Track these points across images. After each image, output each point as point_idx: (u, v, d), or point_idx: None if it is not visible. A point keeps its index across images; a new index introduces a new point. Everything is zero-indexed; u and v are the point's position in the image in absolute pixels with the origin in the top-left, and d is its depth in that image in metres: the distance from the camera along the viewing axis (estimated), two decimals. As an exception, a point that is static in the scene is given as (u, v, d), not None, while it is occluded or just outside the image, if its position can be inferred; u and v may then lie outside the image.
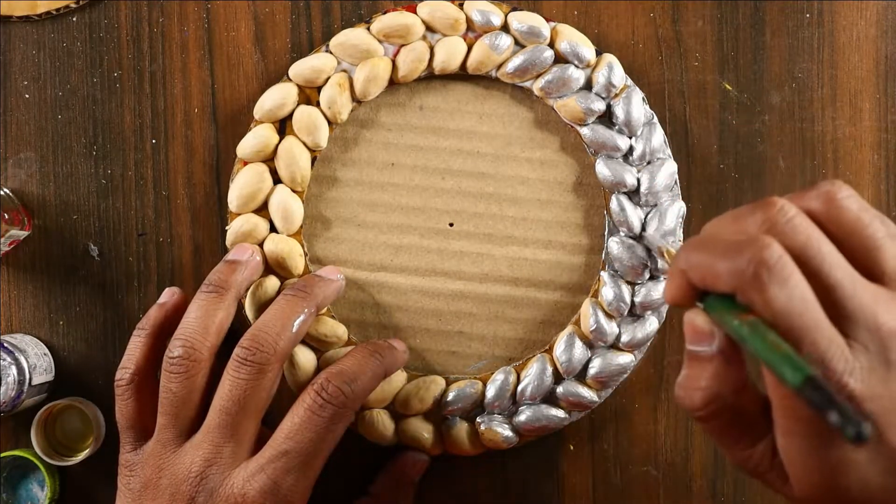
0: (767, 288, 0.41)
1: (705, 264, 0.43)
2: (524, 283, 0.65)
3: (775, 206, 0.43)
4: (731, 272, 0.42)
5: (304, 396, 0.56)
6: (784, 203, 0.44)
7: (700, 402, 0.45)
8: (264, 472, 0.55)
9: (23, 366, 0.60)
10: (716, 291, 0.44)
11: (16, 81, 0.65)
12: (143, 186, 0.65)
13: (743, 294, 0.42)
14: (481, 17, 0.63)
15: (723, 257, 0.43)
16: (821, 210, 0.44)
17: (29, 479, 0.65)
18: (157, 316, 0.60)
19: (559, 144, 0.64)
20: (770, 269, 0.41)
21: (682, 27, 0.65)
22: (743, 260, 0.42)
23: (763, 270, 0.41)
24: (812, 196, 0.45)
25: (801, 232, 0.43)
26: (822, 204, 0.44)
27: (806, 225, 0.43)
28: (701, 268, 0.44)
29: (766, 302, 0.41)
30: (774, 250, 0.42)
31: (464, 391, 0.63)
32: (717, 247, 0.43)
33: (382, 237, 0.64)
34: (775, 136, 0.65)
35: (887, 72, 0.65)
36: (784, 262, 0.41)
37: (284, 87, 0.63)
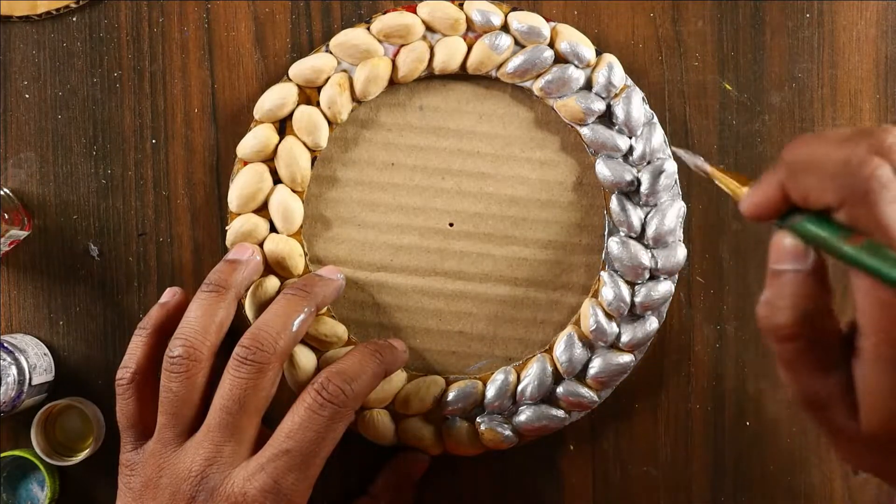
0: (878, 204, 0.40)
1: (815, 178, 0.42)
2: (524, 283, 0.65)
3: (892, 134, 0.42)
4: (842, 186, 0.41)
5: (305, 396, 0.56)
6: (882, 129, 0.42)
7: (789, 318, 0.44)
8: (264, 472, 0.55)
9: (23, 366, 0.60)
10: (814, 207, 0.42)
11: (16, 81, 0.65)
12: (143, 186, 0.65)
13: (851, 209, 0.41)
14: (481, 17, 0.63)
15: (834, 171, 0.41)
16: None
17: (29, 479, 0.64)
18: (159, 315, 0.60)
19: (559, 144, 0.64)
20: (884, 186, 0.40)
21: (682, 27, 0.65)
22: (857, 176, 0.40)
23: (877, 186, 0.40)
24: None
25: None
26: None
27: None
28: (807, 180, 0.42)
29: (877, 218, 0.40)
30: (888, 170, 0.41)
31: (464, 391, 0.63)
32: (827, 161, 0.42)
33: (382, 237, 0.64)
34: (775, 136, 0.65)
35: (887, 72, 0.65)
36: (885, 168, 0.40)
37: (284, 87, 0.63)
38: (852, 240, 0.41)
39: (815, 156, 0.43)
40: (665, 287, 0.63)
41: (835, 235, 0.42)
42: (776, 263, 0.45)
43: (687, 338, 0.65)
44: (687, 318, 0.65)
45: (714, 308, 0.65)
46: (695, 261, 0.65)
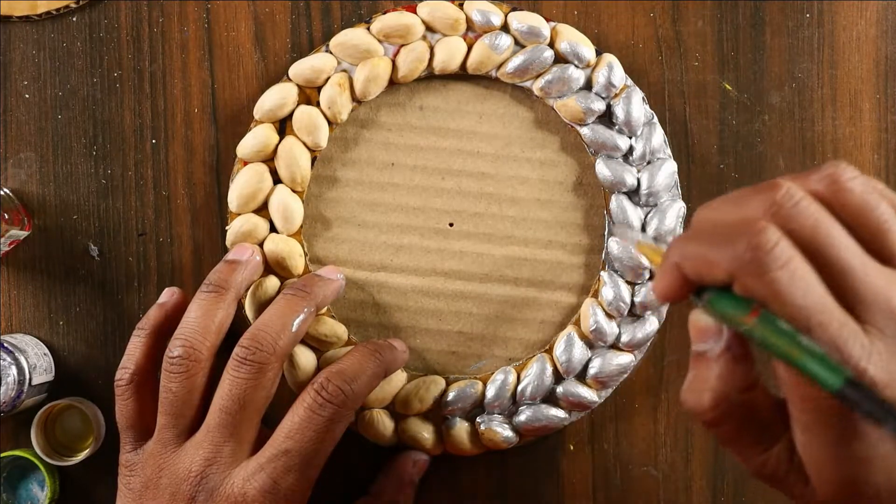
0: (767, 272, 0.39)
1: (700, 253, 0.41)
2: (524, 283, 0.65)
3: (781, 189, 0.41)
4: (728, 259, 0.40)
5: (304, 396, 0.56)
6: (790, 185, 0.41)
7: (709, 403, 0.43)
8: (264, 472, 0.55)
9: (23, 366, 0.60)
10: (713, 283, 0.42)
11: (16, 81, 0.65)
12: (143, 186, 0.65)
13: (742, 281, 0.40)
14: (481, 17, 0.63)
15: (718, 244, 0.41)
16: (825, 193, 0.42)
17: (29, 479, 0.64)
18: (157, 316, 0.60)
19: (559, 144, 0.64)
20: (768, 253, 0.39)
21: (682, 27, 0.65)
22: (740, 245, 0.40)
23: (761, 254, 0.39)
24: (816, 178, 0.43)
25: (810, 216, 0.41)
26: (826, 186, 0.42)
27: (814, 208, 0.41)
28: (696, 258, 0.42)
29: (767, 286, 0.40)
30: (772, 233, 0.40)
31: (464, 391, 0.63)
32: (713, 234, 0.41)
33: (382, 237, 0.64)
34: (775, 136, 0.65)
35: (887, 72, 0.65)
36: (783, 245, 0.40)
37: (284, 87, 0.63)
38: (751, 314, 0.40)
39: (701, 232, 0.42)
40: (665, 287, 0.63)
41: (737, 310, 0.41)
42: (694, 344, 0.44)
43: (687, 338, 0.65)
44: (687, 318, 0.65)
45: (714, 308, 0.65)
46: (695, 261, 0.65)
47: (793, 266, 0.40)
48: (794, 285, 0.39)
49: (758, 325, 0.40)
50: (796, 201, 0.41)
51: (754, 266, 0.40)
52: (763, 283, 0.40)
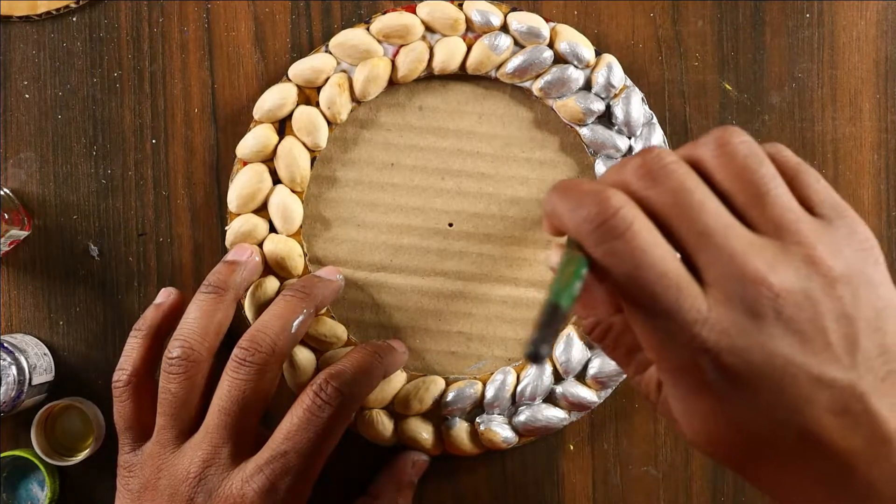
0: (603, 241, 0.40)
1: (557, 214, 0.42)
2: (524, 283, 0.65)
3: (652, 152, 0.42)
4: (575, 224, 0.41)
5: (303, 397, 0.56)
6: (662, 150, 0.42)
7: (587, 328, 0.48)
8: (263, 473, 0.55)
9: (23, 366, 0.60)
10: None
11: (16, 81, 0.65)
12: (143, 186, 0.65)
13: (586, 247, 0.41)
14: (481, 18, 0.63)
15: (570, 210, 0.41)
16: (711, 157, 0.42)
17: (29, 479, 0.65)
18: (154, 316, 0.60)
19: (559, 144, 0.64)
20: (605, 223, 0.40)
21: (682, 27, 0.65)
22: (582, 213, 0.40)
23: (598, 225, 0.40)
24: (703, 141, 0.43)
25: (675, 177, 0.41)
26: (712, 150, 0.42)
27: (681, 171, 0.41)
28: (554, 217, 0.42)
29: (604, 254, 0.40)
30: (614, 202, 0.40)
31: (463, 391, 0.63)
32: (570, 197, 0.42)
33: (382, 237, 0.64)
34: (775, 136, 0.65)
35: (887, 72, 0.65)
36: (624, 213, 0.40)
37: (284, 87, 0.63)
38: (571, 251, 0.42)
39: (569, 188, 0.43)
40: (665, 287, 0.63)
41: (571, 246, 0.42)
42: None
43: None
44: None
45: (714, 308, 0.65)
46: (695, 261, 0.65)
47: (630, 233, 0.40)
48: (632, 254, 0.40)
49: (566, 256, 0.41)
50: (664, 163, 0.41)
51: (595, 234, 0.40)
52: (600, 251, 0.40)
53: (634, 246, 0.40)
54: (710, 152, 0.42)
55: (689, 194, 0.41)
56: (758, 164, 0.42)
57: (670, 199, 0.41)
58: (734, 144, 0.42)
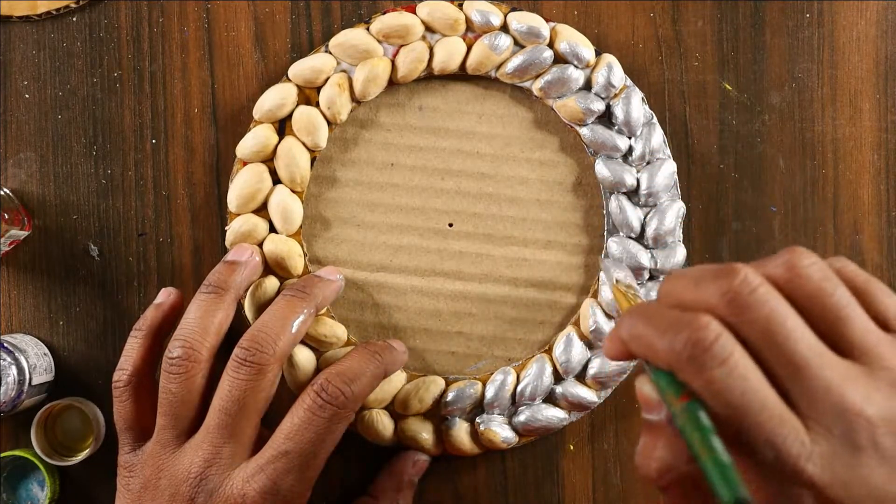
0: (703, 370, 0.40)
1: (644, 340, 0.42)
2: (524, 283, 0.65)
3: (738, 276, 0.41)
4: (668, 351, 0.40)
5: (304, 397, 0.56)
6: (748, 272, 0.41)
7: (655, 472, 0.43)
8: (264, 473, 0.55)
9: (23, 366, 0.60)
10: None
11: (16, 81, 0.65)
12: (143, 186, 0.65)
13: (680, 376, 0.41)
14: (481, 18, 0.63)
15: (661, 335, 0.41)
16: (783, 280, 0.42)
17: (29, 479, 0.65)
18: (154, 316, 0.60)
19: (559, 144, 0.64)
20: (706, 350, 0.40)
21: (682, 27, 0.65)
22: (678, 341, 0.40)
23: (699, 352, 0.40)
24: (773, 265, 0.42)
25: (765, 304, 0.41)
26: (783, 273, 0.42)
27: (770, 296, 0.41)
28: (640, 342, 0.42)
29: (704, 385, 0.40)
30: (712, 330, 0.40)
31: (463, 391, 0.63)
32: (659, 322, 0.41)
33: (382, 237, 0.64)
34: (775, 136, 0.65)
35: (887, 72, 0.65)
36: (723, 342, 0.40)
37: (284, 87, 0.63)
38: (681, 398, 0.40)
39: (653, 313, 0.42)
40: (665, 287, 0.63)
41: (670, 389, 0.41)
42: (643, 412, 0.44)
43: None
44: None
45: (714, 308, 0.65)
46: (695, 261, 0.65)
47: (731, 363, 0.40)
48: (732, 384, 0.39)
49: (681, 412, 0.40)
50: (753, 288, 0.41)
51: (692, 362, 0.40)
52: (700, 381, 0.40)
53: (738, 375, 0.40)
54: (783, 275, 0.42)
55: (781, 324, 0.40)
56: (833, 288, 0.42)
57: (763, 328, 0.40)
58: (805, 267, 0.42)
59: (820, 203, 0.65)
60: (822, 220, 0.65)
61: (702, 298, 0.42)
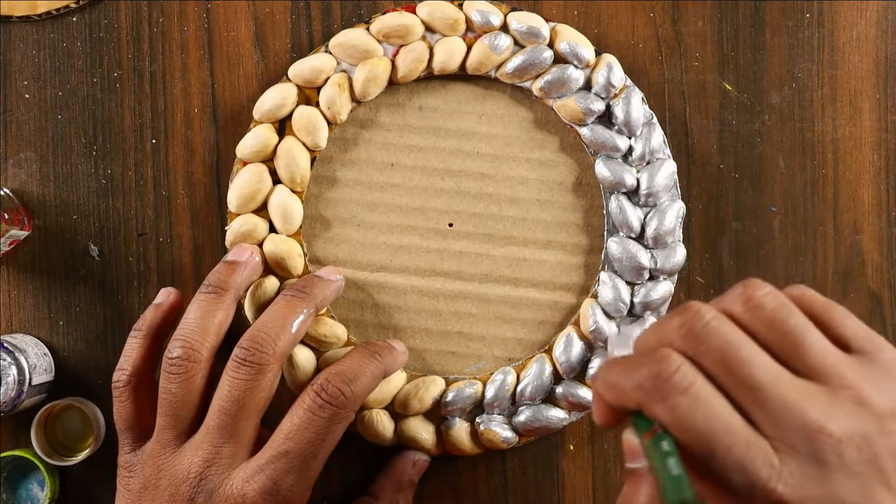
0: (666, 398, 0.41)
1: (614, 385, 0.43)
2: (524, 283, 0.65)
3: (691, 311, 0.43)
4: (634, 388, 0.42)
5: (304, 397, 0.56)
6: (701, 307, 0.43)
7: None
8: (264, 473, 0.55)
9: (23, 366, 0.60)
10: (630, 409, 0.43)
11: (16, 81, 0.65)
12: (143, 186, 0.65)
13: (647, 410, 0.42)
14: (481, 18, 0.63)
15: (627, 376, 0.42)
16: (739, 311, 0.43)
17: (29, 479, 0.65)
18: (154, 316, 0.60)
19: (559, 145, 0.64)
20: (667, 380, 0.41)
21: (682, 27, 0.65)
22: (642, 374, 0.41)
23: (660, 382, 0.41)
24: (729, 298, 0.44)
25: (719, 335, 0.42)
26: (740, 305, 0.43)
27: (724, 328, 0.42)
28: (611, 388, 0.43)
29: (668, 412, 0.41)
30: (672, 361, 0.41)
31: (463, 391, 0.63)
32: (625, 365, 0.43)
33: (382, 237, 0.64)
34: (775, 136, 0.65)
35: (887, 72, 0.65)
36: (683, 370, 0.41)
37: (284, 87, 0.63)
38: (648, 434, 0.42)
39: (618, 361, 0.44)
40: (665, 287, 0.63)
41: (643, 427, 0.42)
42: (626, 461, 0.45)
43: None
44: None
45: (714, 308, 0.65)
46: (695, 261, 0.65)
47: (693, 391, 0.41)
48: (696, 411, 0.41)
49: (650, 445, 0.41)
50: (706, 322, 0.42)
51: (655, 393, 0.41)
52: (665, 410, 0.41)
53: (701, 401, 0.41)
54: (739, 308, 0.43)
55: (736, 351, 0.42)
56: (787, 315, 0.43)
57: (718, 356, 0.42)
58: (759, 298, 0.43)
59: (820, 203, 0.65)
60: (822, 220, 0.65)
61: (662, 338, 0.43)
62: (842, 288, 0.65)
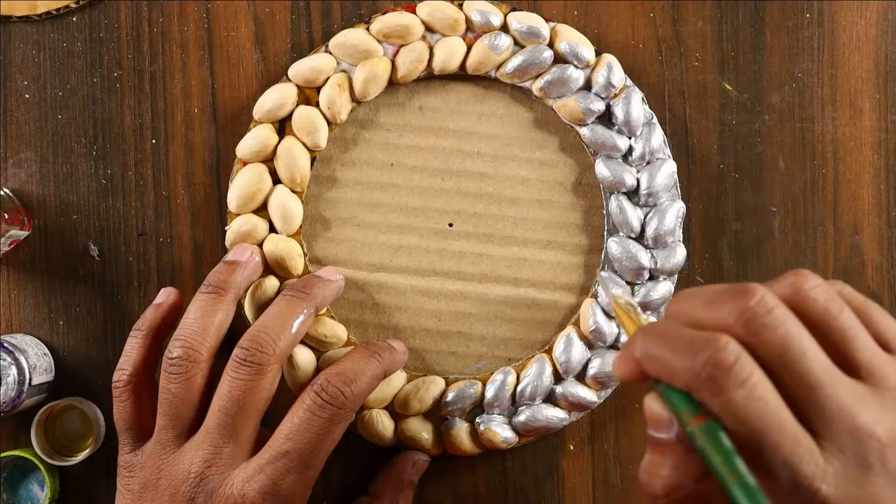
0: (723, 391, 0.40)
1: (661, 360, 0.42)
2: (524, 283, 0.65)
3: (755, 296, 0.42)
4: (687, 372, 0.41)
5: (304, 397, 0.56)
6: (764, 293, 0.42)
7: (661, 490, 0.44)
8: (264, 473, 0.55)
9: (23, 366, 0.60)
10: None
11: (16, 81, 0.65)
12: (143, 186, 0.65)
13: (699, 395, 0.41)
14: (481, 18, 0.63)
15: (678, 355, 0.41)
16: (790, 301, 0.43)
17: (29, 479, 0.65)
18: (154, 316, 0.60)
19: (559, 145, 0.64)
20: (725, 371, 0.40)
21: (682, 27, 0.65)
22: (698, 361, 0.40)
23: (718, 372, 0.40)
24: (780, 286, 0.43)
25: (781, 325, 0.41)
26: (790, 295, 0.43)
27: (786, 318, 0.41)
28: (656, 362, 0.42)
29: (723, 405, 0.40)
30: (731, 350, 0.40)
31: (463, 391, 0.63)
32: (675, 343, 0.42)
33: (382, 237, 0.64)
34: (775, 136, 0.65)
35: (887, 72, 0.65)
36: (742, 362, 0.40)
37: (284, 87, 0.63)
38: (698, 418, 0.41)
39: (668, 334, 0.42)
40: (665, 287, 0.63)
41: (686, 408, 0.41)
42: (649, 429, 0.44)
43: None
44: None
45: (714, 308, 0.65)
46: (695, 261, 0.65)
47: (750, 384, 0.40)
48: (751, 405, 0.40)
49: (700, 432, 0.41)
50: (769, 309, 0.41)
51: (712, 384, 0.40)
52: (719, 402, 0.40)
53: (757, 396, 0.40)
54: (790, 297, 0.43)
55: (797, 345, 0.41)
56: (839, 310, 0.42)
57: (779, 348, 0.41)
58: (811, 289, 0.43)
59: (820, 203, 0.65)
60: (822, 220, 0.65)
61: (717, 318, 0.42)
62: (842, 288, 0.65)
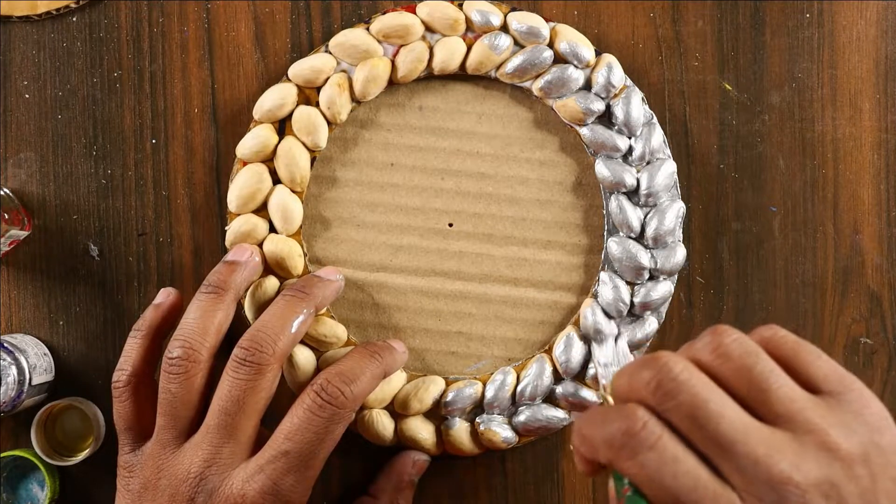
0: (635, 455, 0.41)
1: (587, 439, 0.43)
2: (524, 283, 0.65)
3: (659, 362, 0.43)
4: (605, 444, 0.42)
5: (304, 397, 0.56)
6: (669, 359, 0.43)
7: None
8: (263, 473, 0.55)
9: (23, 366, 0.60)
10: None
11: (16, 81, 0.65)
12: (143, 186, 0.65)
13: (617, 466, 0.42)
14: (481, 18, 0.63)
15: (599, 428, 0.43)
16: (708, 360, 0.44)
17: (29, 479, 0.65)
18: (154, 317, 0.60)
19: (558, 145, 0.64)
20: (634, 436, 0.41)
21: (682, 27, 0.65)
22: (611, 431, 0.42)
23: (628, 439, 0.41)
24: (698, 347, 0.44)
25: (687, 390, 0.42)
26: (708, 353, 0.44)
27: (693, 381, 0.42)
28: (585, 442, 0.44)
29: (638, 469, 0.41)
30: (639, 417, 0.42)
31: (463, 391, 0.63)
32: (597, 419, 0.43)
33: (382, 237, 0.64)
34: (775, 136, 0.65)
35: (887, 72, 0.65)
36: (650, 427, 0.41)
37: (284, 87, 0.63)
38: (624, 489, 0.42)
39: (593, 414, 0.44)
40: (664, 287, 0.63)
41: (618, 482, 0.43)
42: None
43: (687, 338, 0.65)
44: (687, 319, 0.65)
45: (714, 308, 0.65)
46: (695, 261, 0.65)
47: (660, 447, 0.41)
48: (663, 468, 0.41)
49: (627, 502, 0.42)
50: (674, 375, 0.42)
51: (625, 450, 0.42)
52: (634, 467, 0.42)
53: (668, 457, 0.41)
54: (707, 356, 0.44)
55: (704, 406, 0.42)
56: (754, 362, 0.43)
57: (687, 411, 0.42)
58: (727, 345, 0.43)
59: (820, 203, 0.65)
60: (822, 220, 0.65)
61: (633, 391, 0.43)
62: (842, 288, 0.65)
